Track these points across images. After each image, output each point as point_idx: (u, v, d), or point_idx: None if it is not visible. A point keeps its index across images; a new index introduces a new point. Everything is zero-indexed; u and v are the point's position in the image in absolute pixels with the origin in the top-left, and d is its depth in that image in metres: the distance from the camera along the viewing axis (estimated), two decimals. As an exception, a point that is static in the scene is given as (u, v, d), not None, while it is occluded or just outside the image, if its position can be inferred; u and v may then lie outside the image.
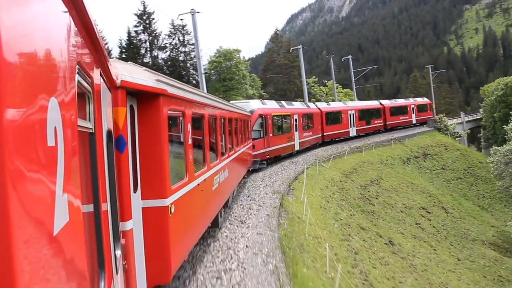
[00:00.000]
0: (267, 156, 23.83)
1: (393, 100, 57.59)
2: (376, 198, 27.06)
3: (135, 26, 67.77)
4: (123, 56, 64.90)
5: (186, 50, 70.36)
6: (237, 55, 66.40)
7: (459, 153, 47.30)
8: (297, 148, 29.45)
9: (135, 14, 68.08)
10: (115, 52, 67.37)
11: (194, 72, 69.10)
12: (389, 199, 28.47)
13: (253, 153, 21.97)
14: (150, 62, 66.77)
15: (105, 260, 3.00)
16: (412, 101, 58.38)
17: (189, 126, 7.76)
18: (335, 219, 18.21)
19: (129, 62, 6.67)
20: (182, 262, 7.22)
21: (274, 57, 76.84)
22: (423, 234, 25.47)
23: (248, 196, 16.00)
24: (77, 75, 2.23)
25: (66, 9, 2.03)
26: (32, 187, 1.36)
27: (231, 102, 20.51)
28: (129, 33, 67.40)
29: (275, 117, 25.63)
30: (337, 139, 39.94)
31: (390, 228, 23.26)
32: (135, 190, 5.76)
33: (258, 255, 8.94)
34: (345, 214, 20.16)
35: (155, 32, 68.62)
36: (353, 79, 66.23)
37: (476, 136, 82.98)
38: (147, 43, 68.01)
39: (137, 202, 5.80)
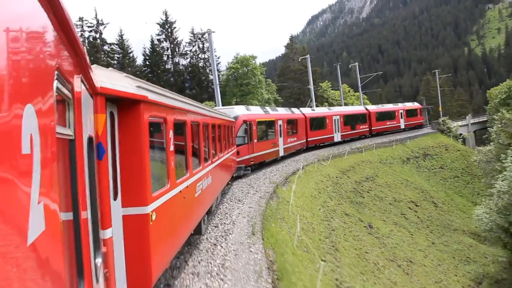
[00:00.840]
0: (252, 162, 24.11)
1: (380, 105, 58.09)
2: (368, 192, 30.52)
3: (158, 34, 73.11)
4: (147, 63, 70.24)
5: (206, 56, 75.04)
6: (253, 61, 70.32)
7: (459, 154, 50.13)
8: (281, 154, 29.66)
9: (158, 24, 73.24)
10: (140, 59, 72.41)
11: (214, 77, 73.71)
12: (380, 193, 31.71)
13: (238, 159, 22.25)
14: (172, 68, 71.80)
15: (85, 268, 2.98)
16: (401, 106, 58.51)
17: (171, 133, 7.84)
18: (322, 206, 22.07)
19: (110, 68, 6.72)
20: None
21: (289, 62, 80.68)
22: (405, 223, 28.61)
23: (248, 185, 20.17)
24: (56, 81, 2.17)
25: (43, 12, 1.96)
26: (4, 195, 1.33)
27: (215, 108, 20.77)
28: (152, 41, 72.58)
29: (260, 123, 25.82)
30: (321, 144, 40.06)
31: (374, 216, 26.67)
32: (115, 198, 5.79)
33: (245, 218, 13.18)
34: (333, 203, 24.01)
35: (176, 40, 73.59)
36: (359, 85, 69.58)
37: (483, 137, 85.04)
38: (169, 51, 72.97)
39: (117, 210, 5.83)
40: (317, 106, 70.08)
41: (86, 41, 62.12)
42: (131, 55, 68.98)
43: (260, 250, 9.98)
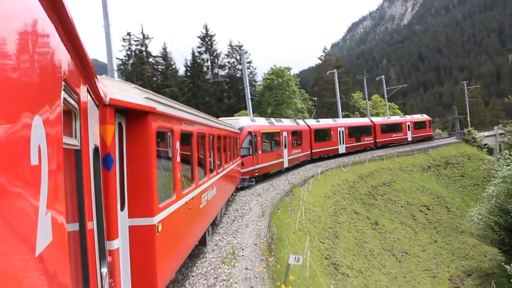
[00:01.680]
0: (256, 174, 24.30)
1: (386, 117, 58.12)
2: (382, 196, 33.64)
3: (198, 47, 78.89)
4: (188, 73, 75.92)
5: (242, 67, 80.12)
6: (288, 73, 74.41)
7: (481, 163, 51.98)
8: (286, 165, 29.82)
9: (199, 37, 79.03)
10: (182, 70, 78.20)
11: (251, 87, 78.64)
12: (394, 197, 34.62)
13: (242, 171, 22.48)
14: (211, 78, 77.05)
15: (90, 278, 3.02)
16: (409, 118, 58.45)
17: (178, 144, 7.91)
18: (334, 204, 25.81)
19: (118, 79, 6.28)
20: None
21: (322, 73, 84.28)
22: (412, 223, 31.36)
23: (270, 184, 24.33)
24: (63, 92, 2.20)
25: (51, 25, 2.00)
26: (14, 206, 1.34)
27: (220, 119, 21.38)
28: (193, 53, 78.43)
29: (264, 134, 26.01)
30: (325, 156, 40.32)
31: (383, 216, 29.83)
32: (122, 209, 5.83)
33: (261, 207, 17.39)
34: (345, 203, 27.68)
35: (215, 52, 79.02)
36: (385, 96, 72.01)
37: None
38: (209, 62, 78.46)
39: (124, 221, 5.86)
40: (348, 116, 73.31)
41: (133, 54, 68.08)
42: (173, 66, 74.80)
43: (265, 225, 14.20)
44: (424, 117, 62.56)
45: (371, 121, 51.17)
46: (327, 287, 11.77)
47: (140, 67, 65.94)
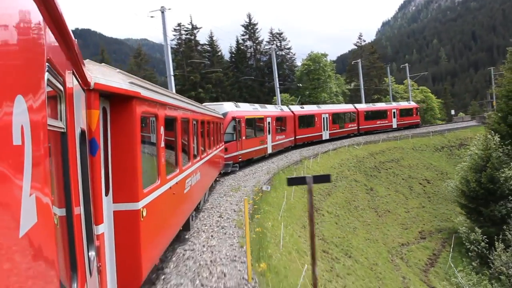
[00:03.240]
0: (240, 159, 24.80)
1: (371, 104, 58.69)
2: (386, 170, 39.09)
3: (242, 35, 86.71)
4: (233, 60, 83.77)
5: (283, 53, 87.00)
6: (324, 59, 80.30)
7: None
8: (269, 151, 30.38)
9: (242, 25, 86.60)
10: (227, 57, 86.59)
11: (289, 71, 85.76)
12: (398, 171, 39.92)
13: (226, 156, 22.83)
14: (254, 64, 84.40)
15: (78, 261, 3.00)
16: (395, 105, 59.26)
17: (162, 129, 7.94)
18: (338, 174, 32.14)
19: (103, 63, 6.78)
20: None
21: (357, 58, 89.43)
22: (407, 192, 36.40)
23: (284, 156, 31.62)
24: (47, 73, 2.19)
25: (34, 4, 1.97)
26: None
27: (204, 104, 21.27)
28: (237, 41, 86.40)
29: (248, 120, 26.28)
30: (309, 142, 41.15)
31: (381, 184, 35.54)
32: (106, 193, 5.89)
33: (268, 169, 24.82)
34: (349, 173, 34.22)
35: (258, 40, 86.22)
36: (409, 84, 76.09)
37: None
38: (252, 49, 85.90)
39: (108, 206, 5.93)
40: (379, 99, 78.47)
41: (183, 43, 76.43)
42: (219, 53, 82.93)
43: (267, 178, 21.69)
44: (411, 104, 63.89)
45: (355, 107, 52.35)
46: (300, 216, 19.10)
47: (189, 55, 74.12)
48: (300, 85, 76.17)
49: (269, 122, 30.61)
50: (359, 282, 16.58)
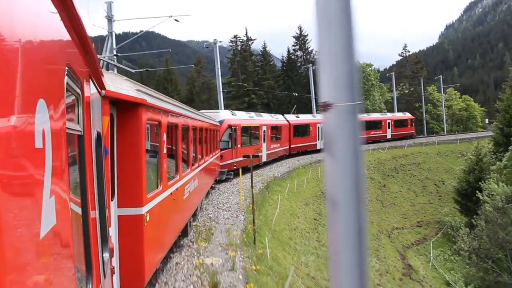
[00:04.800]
0: (235, 167, 24.58)
1: (365, 115, 57.85)
2: (405, 171, 43.86)
3: (293, 45, 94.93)
4: (284, 68, 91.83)
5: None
6: (368, 69, 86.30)
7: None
8: (264, 159, 30.55)
9: (293, 37, 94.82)
10: (278, 65, 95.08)
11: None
12: (417, 173, 44.42)
13: (221, 163, 22.60)
14: (304, 72, 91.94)
15: (93, 262, 3.06)
16: (390, 116, 60.35)
17: (165, 136, 8.11)
18: None
19: (110, 71, 6.37)
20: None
21: (402, 68, 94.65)
22: (419, 190, 40.79)
23: (310, 156, 38.95)
24: (66, 77, 2.22)
25: (55, 10, 2.02)
26: (20, 189, 1.38)
27: (201, 111, 20.83)
28: (288, 51, 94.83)
29: (244, 128, 26.09)
30: (303, 151, 41.22)
31: (395, 183, 40.25)
32: (112, 198, 5.95)
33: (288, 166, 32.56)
34: (367, 172, 39.68)
35: (307, 50, 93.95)
36: (443, 94, 79.97)
37: None
38: (301, 58, 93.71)
39: (113, 210, 6.00)
40: (420, 108, 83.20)
41: (239, 53, 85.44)
42: (271, 63, 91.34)
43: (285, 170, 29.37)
44: (407, 115, 64.78)
45: None
46: (306, 197, 26.57)
47: (244, 64, 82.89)
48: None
49: (264, 131, 31.11)
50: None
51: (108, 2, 24.49)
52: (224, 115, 25.27)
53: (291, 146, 39.18)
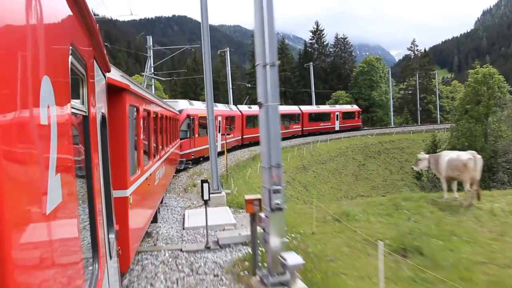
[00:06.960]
0: (192, 156, 24.31)
1: (315, 107, 60.69)
2: (387, 154, 51.53)
3: (310, 39, 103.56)
4: (300, 60, 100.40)
5: (346, 55, 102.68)
6: (378, 63, 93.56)
7: None
8: (219, 149, 29.38)
9: (310, 31, 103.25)
10: (296, 58, 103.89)
11: (350, 71, 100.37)
12: (399, 156, 51.49)
13: (180, 153, 22.43)
14: (319, 65, 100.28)
15: (99, 242, 3.05)
16: (338, 108, 61.67)
17: (141, 121, 8.25)
18: (341, 153, 47.23)
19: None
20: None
21: (408, 62, 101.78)
22: (395, 169, 48.16)
23: (303, 139, 48.17)
24: (70, 57, 2.22)
25: None
26: (27, 166, 1.38)
27: (164, 100, 19.74)
28: (305, 44, 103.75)
29: (201, 118, 25.36)
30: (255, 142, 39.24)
31: (375, 162, 47.87)
32: None
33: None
34: (351, 153, 48.10)
35: (323, 44, 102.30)
36: (437, 88, 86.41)
37: None
38: (317, 52, 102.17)
39: None
40: (425, 99, 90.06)
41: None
42: (289, 55, 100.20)
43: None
44: (354, 107, 65.67)
45: (300, 109, 53.16)
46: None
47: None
48: (355, 83, 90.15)
49: (219, 121, 30.70)
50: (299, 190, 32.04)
51: (148, 37, 34.43)
52: (183, 105, 25.25)
53: (244, 136, 39.20)
